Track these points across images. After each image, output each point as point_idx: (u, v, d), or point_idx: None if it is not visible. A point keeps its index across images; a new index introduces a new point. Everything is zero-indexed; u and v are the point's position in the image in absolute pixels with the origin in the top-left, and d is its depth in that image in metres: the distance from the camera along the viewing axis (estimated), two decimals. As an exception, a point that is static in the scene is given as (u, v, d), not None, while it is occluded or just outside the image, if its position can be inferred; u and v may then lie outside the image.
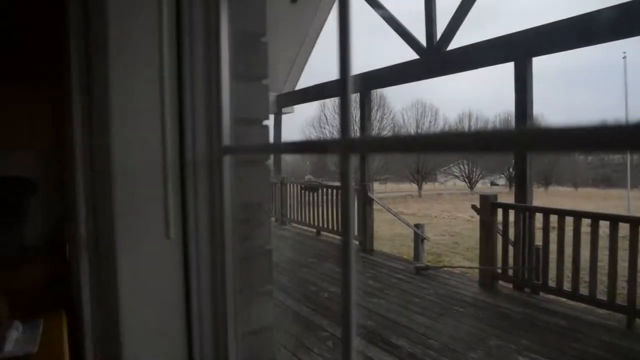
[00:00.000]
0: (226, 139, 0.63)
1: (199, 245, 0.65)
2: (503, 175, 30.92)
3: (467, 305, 4.09)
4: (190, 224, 0.64)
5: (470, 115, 31.35)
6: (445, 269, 5.94)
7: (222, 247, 0.64)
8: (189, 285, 0.65)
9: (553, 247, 4.11)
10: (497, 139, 0.29)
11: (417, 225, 6.75)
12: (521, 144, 0.30)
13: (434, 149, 0.32)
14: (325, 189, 7.21)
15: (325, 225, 7.11)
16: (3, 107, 6.00)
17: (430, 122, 29.92)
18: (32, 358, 1.39)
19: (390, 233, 11.32)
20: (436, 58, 5.67)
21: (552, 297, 4.22)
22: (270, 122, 0.79)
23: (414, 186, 29.00)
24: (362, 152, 0.38)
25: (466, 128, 30.84)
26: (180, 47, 0.64)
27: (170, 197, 0.59)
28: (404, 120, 30.87)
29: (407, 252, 8.96)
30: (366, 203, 5.96)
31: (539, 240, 4.33)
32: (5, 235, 5.05)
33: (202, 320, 0.66)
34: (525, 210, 4.39)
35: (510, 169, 28.60)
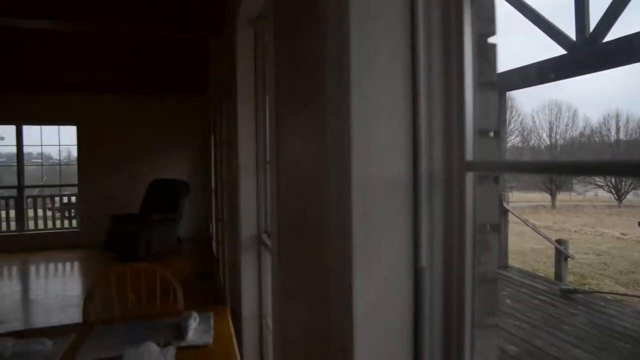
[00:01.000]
0: (469, 154, 0.57)
1: (433, 273, 0.59)
2: (663, 187, 25.89)
3: (636, 342, 3.44)
4: (423, 247, 0.59)
5: (618, 115, 26.89)
6: (597, 294, 5.13)
7: (460, 276, 0.57)
8: (419, 313, 0.60)
9: None
10: None
11: (559, 241, 5.97)
12: None
13: None
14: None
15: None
16: (162, 115, 6.96)
17: (567, 124, 26.49)
18: (208, 349, 1.51)
19: (520, 247, 10.25)
20: (591, 51, 4.93)
21: None
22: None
23: (546, 196, 25.87)
24: None
25: (613, 130, 26.64)
26: (414, 50, 0.59)
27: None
28: (534, 123, 27.79)
29: (543, 269, 8.00)
30: (501, 214, 5.46)
31: None
32: (168, 230, 5.85)
33: (433, 353, 0.60)
34: None
35: (675, 179, 23.82)
